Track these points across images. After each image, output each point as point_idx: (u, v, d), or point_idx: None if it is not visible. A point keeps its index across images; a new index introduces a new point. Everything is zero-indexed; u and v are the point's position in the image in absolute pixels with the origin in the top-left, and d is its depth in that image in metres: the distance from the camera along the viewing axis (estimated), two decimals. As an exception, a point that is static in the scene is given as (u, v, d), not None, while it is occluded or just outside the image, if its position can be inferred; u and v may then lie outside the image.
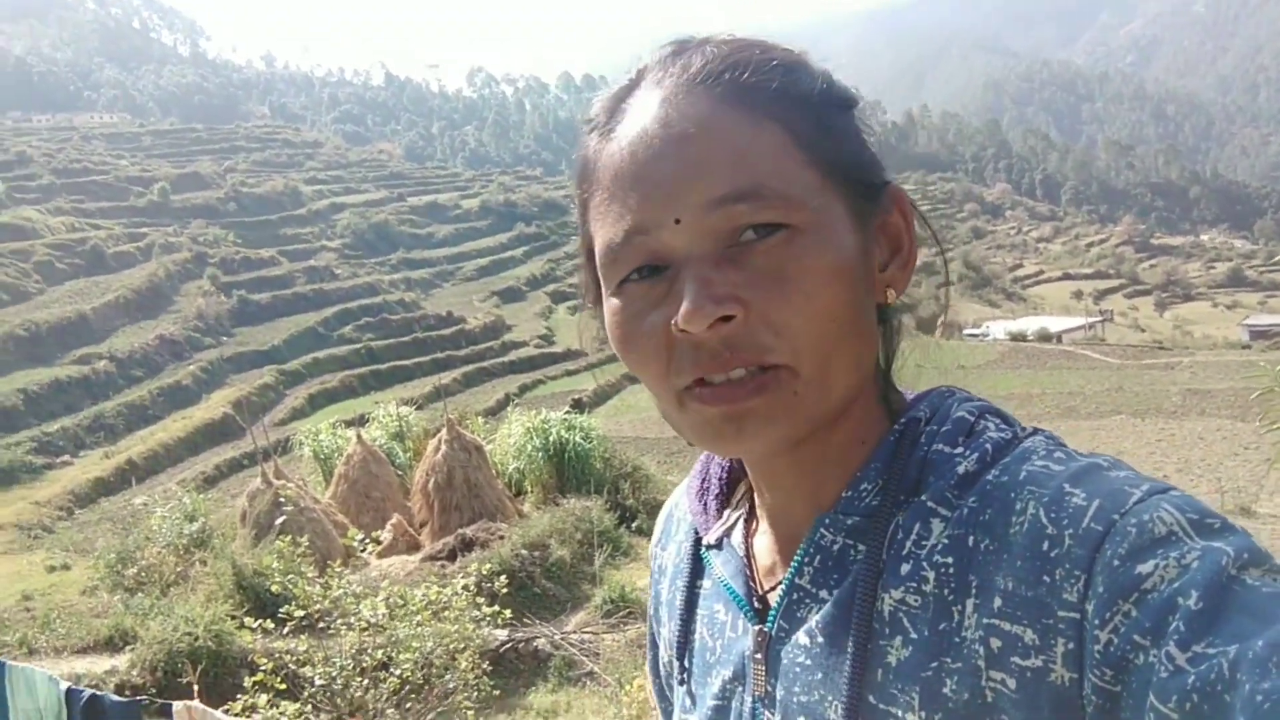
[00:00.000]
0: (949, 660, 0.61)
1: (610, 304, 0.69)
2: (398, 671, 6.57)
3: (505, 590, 8.61)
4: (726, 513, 0.82)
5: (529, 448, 15.47)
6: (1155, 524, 0.55)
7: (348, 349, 50.56)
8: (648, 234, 0.65)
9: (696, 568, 0.83)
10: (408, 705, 6.68)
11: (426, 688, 6.79)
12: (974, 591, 0.61)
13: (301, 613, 6.79)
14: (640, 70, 0.70)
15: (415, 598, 7.25)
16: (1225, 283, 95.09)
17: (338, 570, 7.47)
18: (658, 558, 0.92)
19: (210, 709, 3.11)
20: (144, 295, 51.87)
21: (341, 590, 6.98)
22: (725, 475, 0.84)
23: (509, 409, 23.30)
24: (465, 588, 7.54)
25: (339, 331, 52.78)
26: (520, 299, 65.72)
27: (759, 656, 0.72)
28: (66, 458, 34.91)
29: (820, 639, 0.68)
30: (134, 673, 9.11)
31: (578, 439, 15.29)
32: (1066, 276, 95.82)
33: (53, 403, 38.54)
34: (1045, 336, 62.15)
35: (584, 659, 9.75)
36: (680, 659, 0.82)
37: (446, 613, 7.23)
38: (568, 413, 16.86)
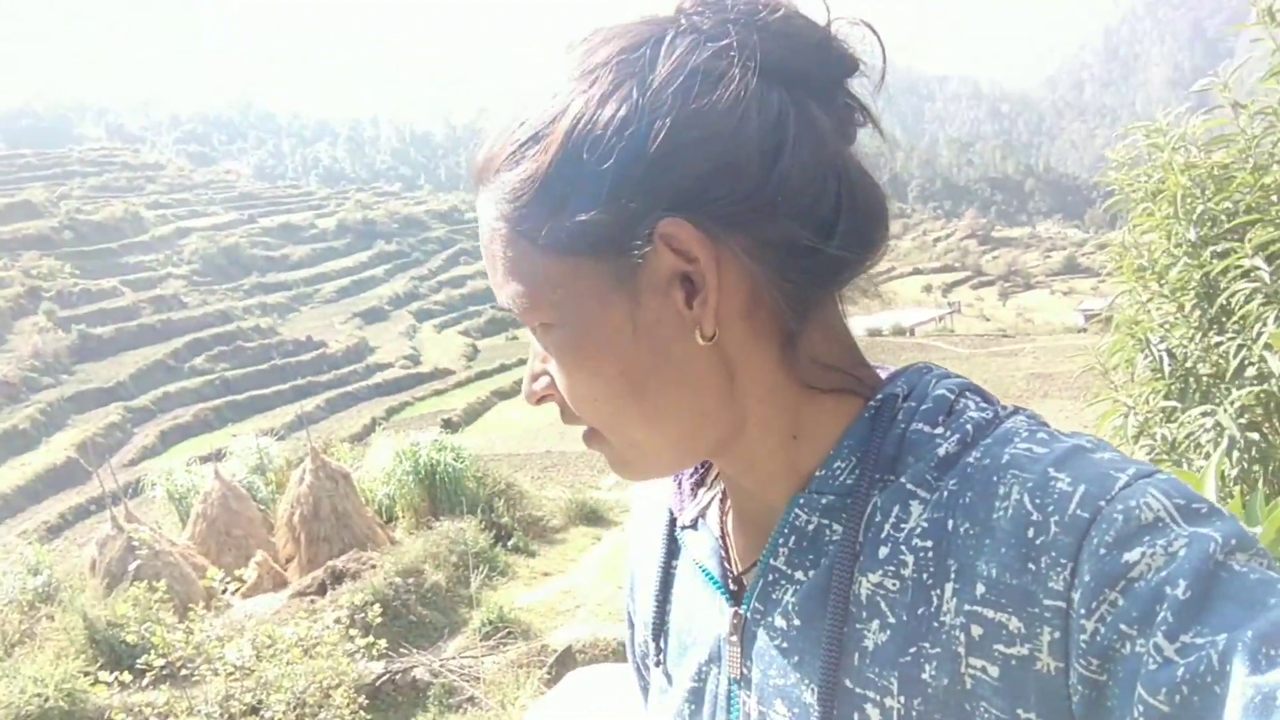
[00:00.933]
0: (927, 645, 0.61)
1: None
2: (269, 715, 6.37)
3: (379, 620, 8.46)
4: (700, 492, 0.81)
5: (399, 472, 15.21)
6: (1142, 510, 0.54)
7: (201, 380, 48.55)
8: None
9: (671, 548, 0.82)
10: (281, 749, 6.48)
11: (300, 729, 6.61)
12: (953, 576, 0.60)
13: (161, 661, 6.52)
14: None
15: (284, 636, 7.04)
16: (1061, 270, 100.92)
17: (199, 614, 7.20)
18: (634, 539, 0.92)
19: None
20: (-28, 334, 48.64)
21: (204, 634, 6.73)
22: None
23: (375, 433, 22.82)
24: (337, 621, 7.38)
25: (190, 363, 50.65)
26: (383, 319, 64.43)
27: (734, 639, 0.72)
28: (-110, 514, 32.45)
29: (796, 621, 0.68)
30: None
31: (449, 460, 15.12)
32: (916, 271, 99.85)
33: (-128, 454, 35.82)
34: (899, 330, 64.68)
35: (464, 684, 9.62)
36: (656, 639, 0.82)
37: (318, 649, 7.06)
38: (439, 434, 16.63)
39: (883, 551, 0.63)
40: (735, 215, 0.61)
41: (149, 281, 63.57)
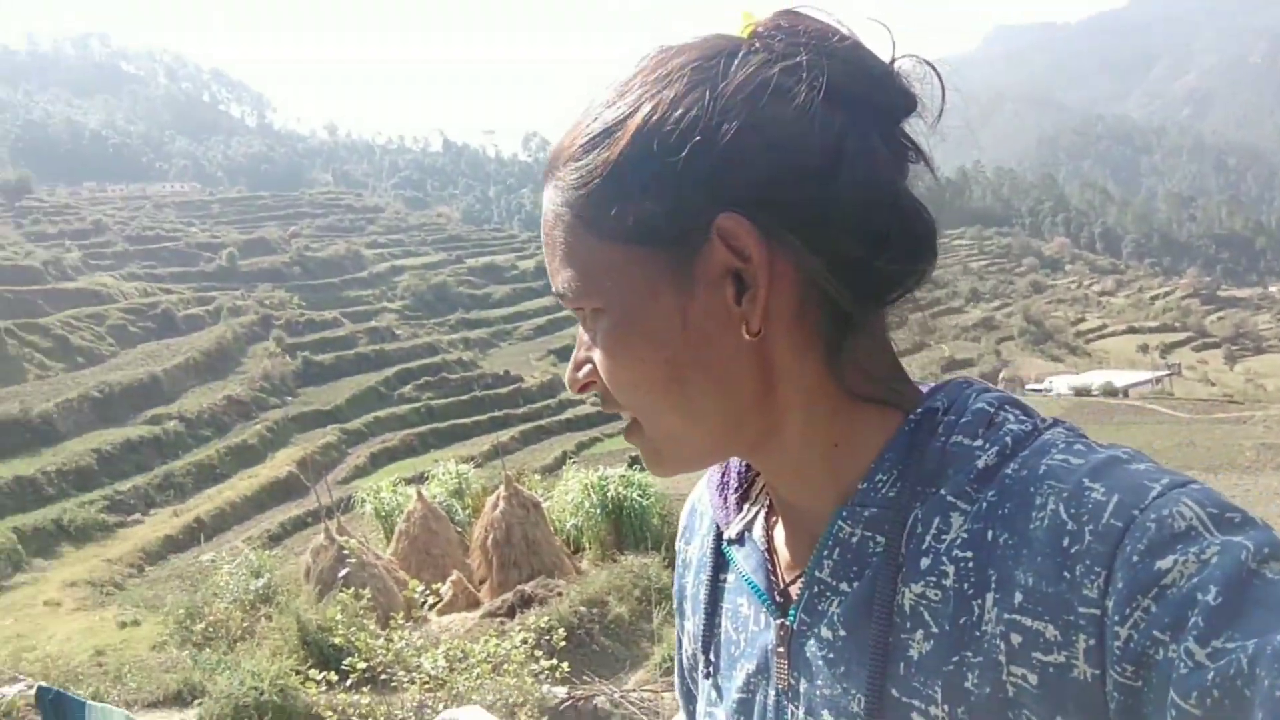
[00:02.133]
0: (970, 654, 0.61)
1: None
2: (460, 725, 6.62)
3: (564, 645, 8.66)
4: (746, 506, 0.83)
5: (586, 504, 15.56)
6: (1175, 519, 0.54)
7: (408, 408, 51.32)
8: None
9: (719, 562, 0.84)
10: (471, 759, 6.72)
11: (489, 741, 6.83)
12: (994, 586, 0.61)
13: (364, 665, 6.90)
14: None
15: (475, 651, 7.33)
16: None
17: (400, 624, 7.59)
18: (682, 552, 0.93)
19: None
20: (212, 357, 53.27)
21: (403, 643, 7.09)
22: (744, 469, 0.84)
23: (566, 466, 23.43)
24: (524, 641, 7.61)
25: (400, 391, 53.61)
26: (576, 358, 66.25)
27: (781, 650, 0.73)
28: (137, 516, 35.77)
29: (842, 632, 0.68)
30: (170, 730, 9.29)
31: (635, 495, 15.35)
32: (1131, 330, 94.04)
33: (124, 462, 39.56)
34: (1110, 391, 61.00)
35: (643, 717, 9.70)
36: (706, 652, 0.83)
37: (506, 666, 7.29)
38: (625, 470, 16.93)
39: (924, 562, 0.65)
40: (790, 221, 0.64)
41: (365, 314, 67.95)
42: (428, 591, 8.45)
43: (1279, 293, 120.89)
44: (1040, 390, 68.05)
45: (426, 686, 7.08)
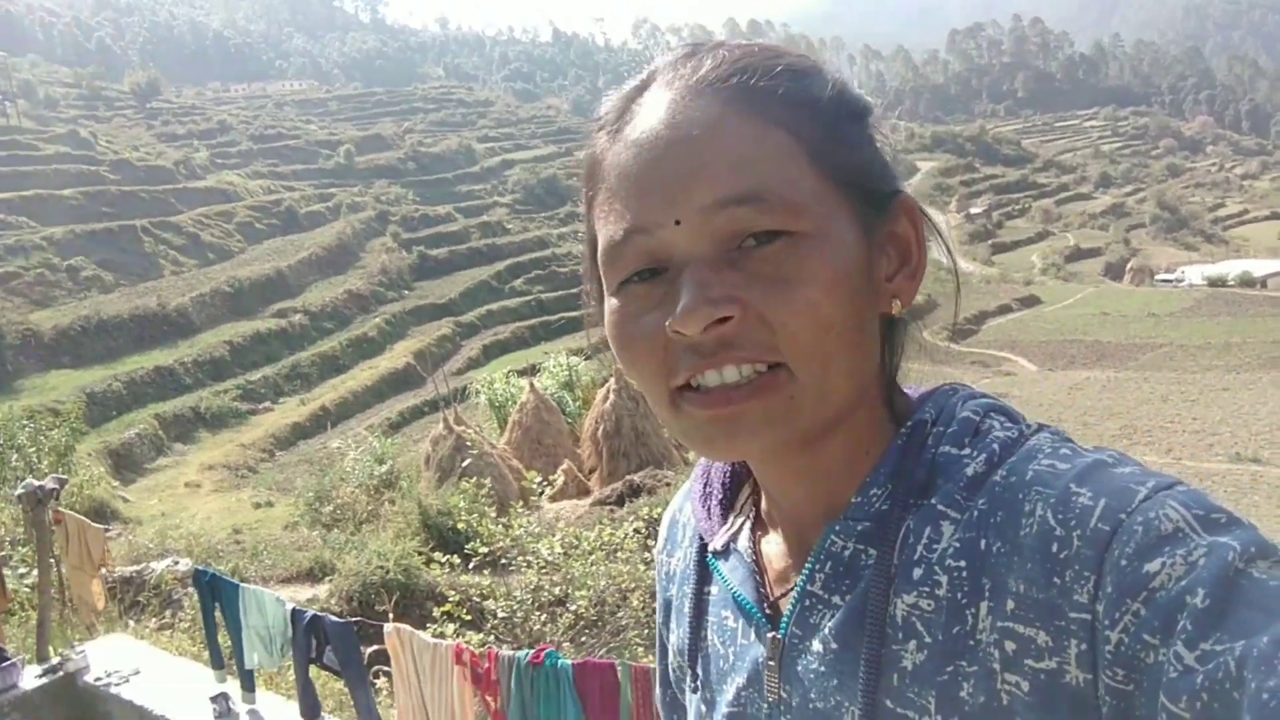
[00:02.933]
0: (964, 664, 0.61)
1: (610, 304, 0.69)
2: (573, 607, 6.86)
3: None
4: (731, 518, 0.82)
5: (696, 396, 15.66)
6: (1162, 521, 0.55)
7: (519, 301, 52.28)
8: (648, 234, 0.64)
9: (703, 574, 0.82)
10: (582, 639, 6.98)
11: (600, 624, 7.07)
12: (987, 594, 0.61)
13: (485, 550, 7.16)
14: (651, 72, 0.71)
15: (589, 538, 7.54)
16: None
17: (518, 510, 7.83)
18: (664, 564, 0.91)
19: (416, 630, 3.38)
20: (333, 253, 54.97)
21: (522, 530, 7.32)
22: (728, 480, 0.84)
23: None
24: (636, 530, 7.77)
25: (511, 284, 54.56)
26: (686, 250, 66.01)
27: (773, 663, 0.72)
28: (267, 404, 37.77)
29: (834, 645, 0.68)
30: (332, 601, 9.85)
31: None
32: (1275, 215, 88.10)
33: (254, 354, 41.58)
34: (1248, 281, 57.72)
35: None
36: (693, 666, 0.82)
37: (619, 554, 7.48)
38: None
39: (917, 573, 0.65)
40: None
41: (478, 209, 68.85)
42: (545, 483, 8.65)
43: None
44: (1171, 280, 64.73)
45: (543, 570, 7.34)
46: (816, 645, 0.69)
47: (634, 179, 0.66)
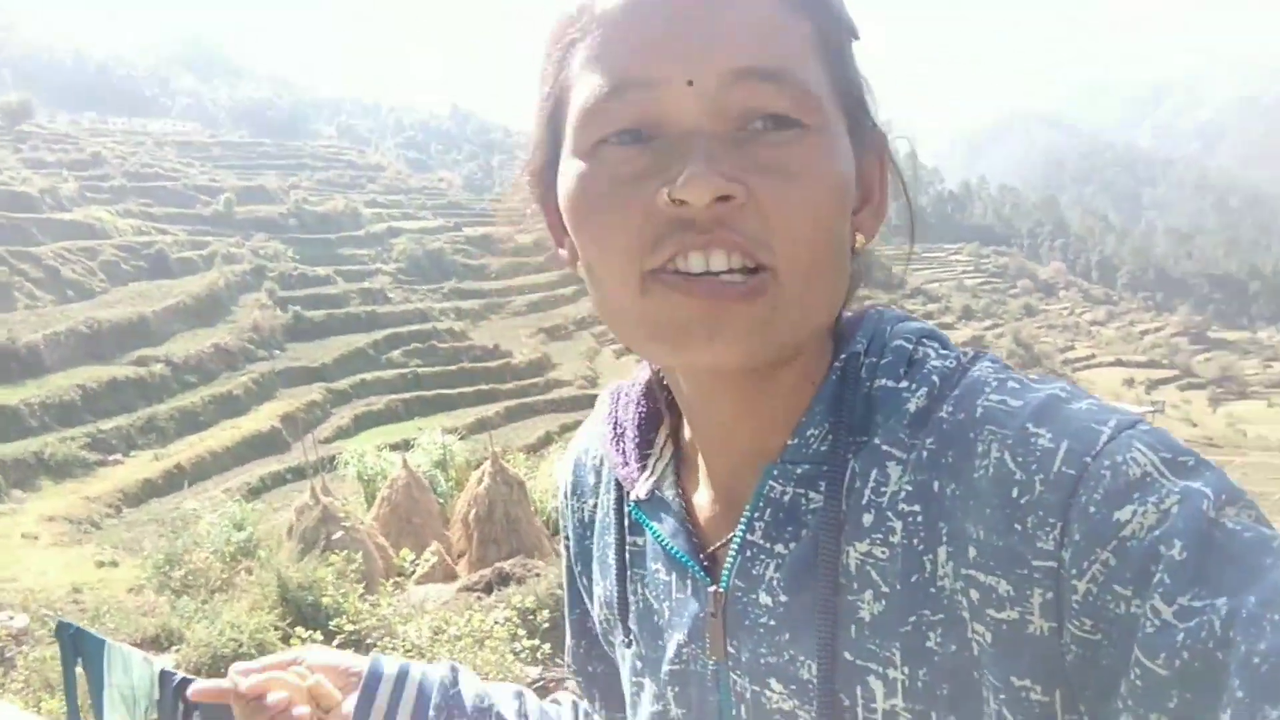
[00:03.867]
0: (927, 613, 0.59)
1: (576, 165, 0.61)
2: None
3: (547, 626, 8.83)
4: (651, 462, 0.77)
5: (570, 487, 15.72)
6: (1130, 465, 0.52)
7: (395, 373, 51.23)
8: (650, 89, 0.58)
9: (625, 523, 0.78)
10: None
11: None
12: (945, 539, 0.58)
13: (352, 627, 7.06)
14: None
15: (459, 623, 7.50)
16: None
17: (387, 590, 7.75)
18: (576, 510, 0.87)
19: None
20: (203, 303, 53.01)
21: (390, 609, 7.26)
22: (641, 420, 0.79)
23: (551, 447, 23.62)
24: (508, 619, 7.78)
25: (388, 355, 53.54)
26: (566, 338, 66.29)
27: (715, 619, 0.69)
28: (118, 456, 35.65)
29: (783, 597, 0.65)
30: (179, 672, 9.41)
31: (619, 483, 15.54)
32: (1119, 363, 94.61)
33: (108, 401, 39.36)
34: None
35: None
36: (623, 620, 0.78)
37: (489, 642, 7.46)
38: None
39: (867, 519, 0.61)
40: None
41: (359, 274, 67.72)
42: (416, 561, 8.60)
43: (1268, 338, 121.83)
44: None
45: (408, 653, 7.24)
46: (764, 598, 0.66)
47: (641, 25, 0.58)
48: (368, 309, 59.71)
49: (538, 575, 12.73)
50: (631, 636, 0.77)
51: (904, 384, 0.63)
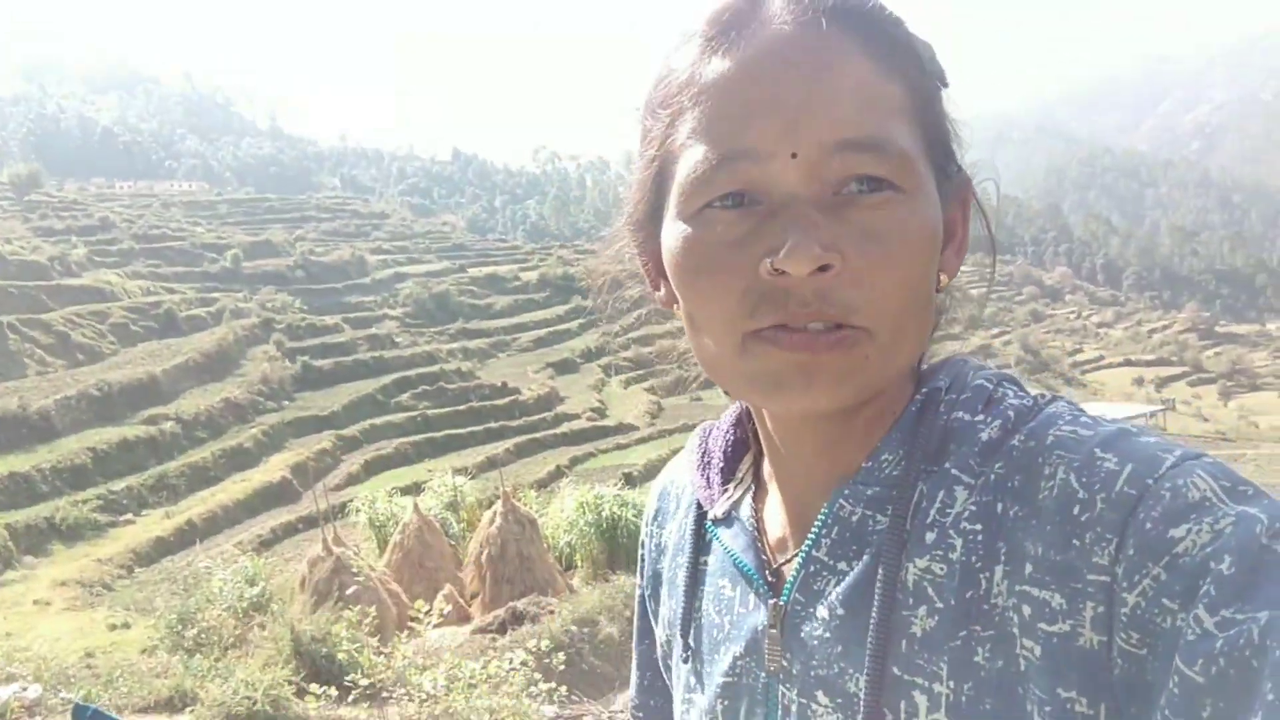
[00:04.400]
0: (978, 628, 0.60)
1: (681, 228, 0.65)
2: (454, 745, 6.70)
3: (563, 669, 8.72)
4: (731, 486, 0.81)
5: (581, 523, 15.64)
6: (1189, 489, 0.54)
7: (404, 416, 51.23)
8: (756, 161, 0.61)
9: (700, 544, 0.81)
10: (462, 778, 6.80)
11: (480, 762, 6.90)
12: (1003, 558, 0.60)
13: (366, 681, 6.98)
14: None
15: (474, 670, 7.40)
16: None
17: (402, 641, 7.67)
18: (654, 535, 0.91)
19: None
20: (212, 359, 53.23)
21: (405, 661, 7.17)
22: (729, 448, 0.83)
23: (562, 481, 23.55)
24: (524, 663, 7.68)
25: (397, 399, 53.54)
26: (574, 371, 66.31)
27: (774, 631, 0.71)
28: (129, 516, 35.60)
29: (841, 611, 0.67)
30: (196, 753, 9.32)
31: (630, 515, 15.43)
32: (1128, 363, 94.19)
33: (119, 462, 39.43)
34: (1103, 424, 61.04)
35: (632, 739, 9.76)
36: (684, 636, 0.80)
37: (505, 688, 7.36)
38: (619, 486, 17.01)
39: (929, 537, 0.63)
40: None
41: (366, 321, 68.03)
42: (430, 612, 8.51)
43: (1277, 330, 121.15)
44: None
45: (424, 703, 7.16)
46: (822, 611, 0.68)
47: (747, 99, 0.61)
48: (375, 355, 59.79)
49: (551, 612, 12.63)
50: (690, 652, 0.80)
51: (980, 417, 0.65)
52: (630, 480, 29.52)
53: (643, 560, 0.93)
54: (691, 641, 0.80)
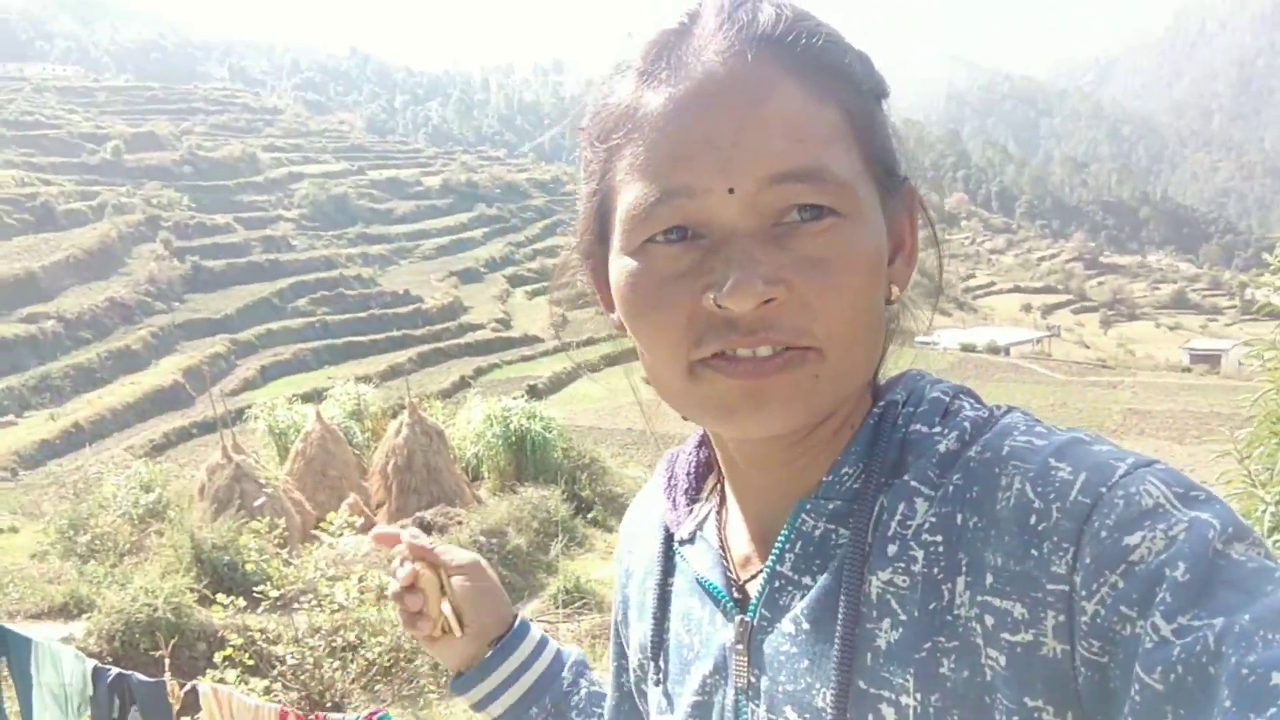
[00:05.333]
0: (943, 639, 0.61)
1: (626, 263, 0.65)
2: (369, 655, 6.71)
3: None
4: (696, 507, 0.81)
5: (488, 434, 15.58)
6: (1142, 496, 0.55)
7: (302, 322, 50.13)
8: (693, 198, 0.61)
9: (668, 566, 0.81)
10: (376, 688, 6.83)
11: (394, 671, 6.95)
12: (964, 569, 0.60)
13: (277, 593, 6.91)
14: (692, 15, 0.65)
15: (387, 579, 7.39)
16: (1169, 304, 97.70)
17: (311, 552, 7.59)
18: (624, 562, 0.91)
19: (236, 691, 3.26)
20: (95, 256, 50.87)
21: (317, 572, 7.12)
22: (694, 470, 0.83)
23: (468, 393, 23.42)
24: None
25: (294, 304, 52.30)
26: (478, 280, 65.51)
27: (740, 647, 0.71)
28: (10, 418, 34.26)
29: (806, 626, 0.67)
30: (91, 640, 9.10)
31: (538, 429, 15.44)
32: (1017, 289, 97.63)
33: (-2, 361, 37.80)
34: (994, 349, 63.28)
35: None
36: (655, 659, 0.81)
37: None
38: (524, 399, 16.97)
39: (891, 549, 0.64)
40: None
41: (260, 221, 65.74)
42: (343, 526, 8.41)
43: (1156, 262, 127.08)
44: (928, 343, 70.36)
45: (334, 613, 7.13)
46: (787, 626, 0.68)
47: (682, 136, 0.62)
48: (270, 257, 58.03)
49: (459, 523, 12.65)
50: (661, 673, 0.80)
51: (937, 429, 0.66)
52: (535, 393, 29.54)
53: (617, 585, 0.93)
54: (662, 663, 0.80)
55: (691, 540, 0.79)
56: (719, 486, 0.81)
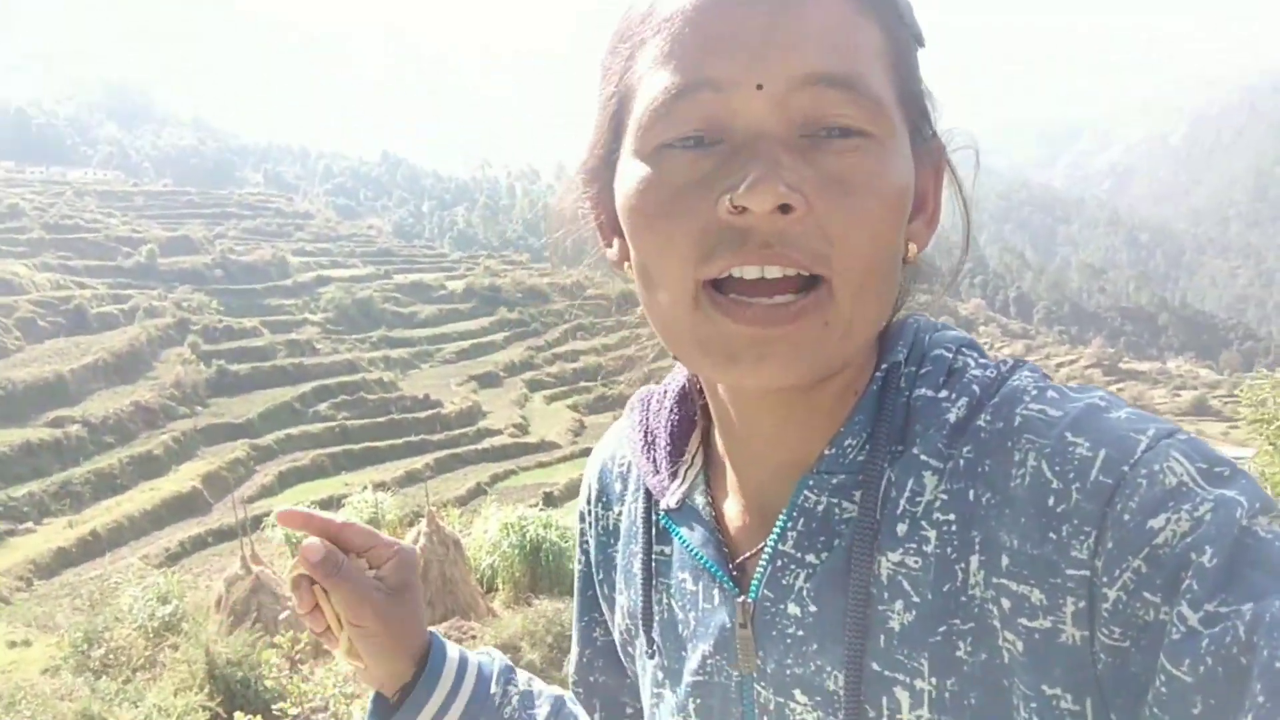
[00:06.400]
0: (958, 622, 0.59)
1: (638, 167, 0.61)
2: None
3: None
4: (682, 471, 0.76)
5: (504, 544, 15.59)
6: (1166, 474, 0.53)
7: (322, 426, 50.34)
8: (719, 91, 0.57)
9: (653, 533, 0.78)
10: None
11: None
12: (978, 548, 0.58)
13: (296, 710, 6.96)
14: None
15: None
16: (1190, 411, 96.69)
17: (328, 666, 7.64)
18: (601, 518, 0.87)
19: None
20: (123, 359, 51.68)
21: (335, 690, 7.16)
22: (673, 427, 0.78)
23: (483, 500, 23.40)
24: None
25: (315, 408, 52.59)
26: (497, 385, 65.82)
27: (744, 629, 0.68)
28: (30, 525, 34.27)
29: (812, 607, 0.65)
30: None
31: (553, 537, 15.45)
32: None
33: (20, 466, 37.98)
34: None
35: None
36: (647, 631, 0.78)
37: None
38: (540, 507, 17.01)
39: (901, 528, 0.61)
40: None
41: (286, 325, 66.68)
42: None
43: (1176, 368, 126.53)
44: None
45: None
46: (793, 608, 0.66)
47: (711, 26, 0.58)
48: (294, 361, 58.64)
49: (474, 637, 12.60)
50: (655, 647, 0.77)
51: (944, 394, 0.63)
52: (551, 500, 29.49)
53: (584, 539, 0.90)
54: (656, 636, 0.77)
55: (679, 510, 0.75)
56: (703, 444, 0.76)
